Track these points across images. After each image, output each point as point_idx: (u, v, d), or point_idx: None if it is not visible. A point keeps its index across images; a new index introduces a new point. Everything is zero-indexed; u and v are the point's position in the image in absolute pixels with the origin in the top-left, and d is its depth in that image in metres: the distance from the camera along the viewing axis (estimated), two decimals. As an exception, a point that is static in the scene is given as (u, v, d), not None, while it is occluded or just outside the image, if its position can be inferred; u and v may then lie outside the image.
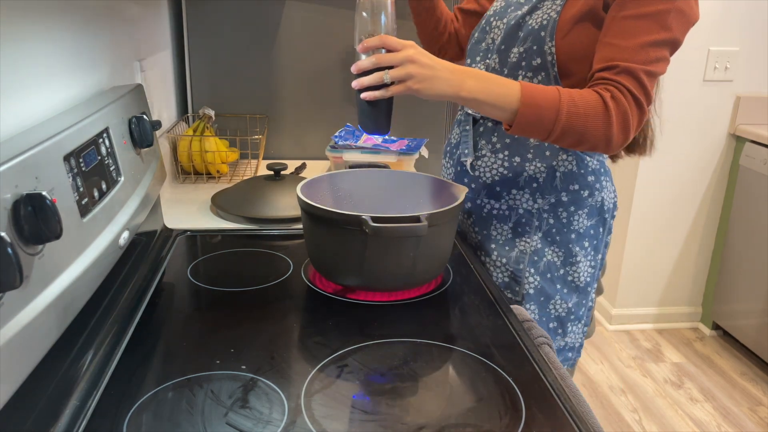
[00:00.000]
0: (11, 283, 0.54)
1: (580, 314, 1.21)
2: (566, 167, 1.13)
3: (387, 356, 0.81)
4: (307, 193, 1.01)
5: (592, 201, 1.15)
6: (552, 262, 1.16)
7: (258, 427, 0.66)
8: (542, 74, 1.08)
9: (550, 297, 1.17)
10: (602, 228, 1.19)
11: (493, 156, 1.16)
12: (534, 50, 1.07)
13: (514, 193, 1.15)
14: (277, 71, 1.76)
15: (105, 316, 0.83)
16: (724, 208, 2.66)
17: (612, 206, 1.19)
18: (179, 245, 1.15)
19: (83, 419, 0.66)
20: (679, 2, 0.96)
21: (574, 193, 1.14)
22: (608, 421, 2.17)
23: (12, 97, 0.75)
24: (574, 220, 1.15)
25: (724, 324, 2.66)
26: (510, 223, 1.17)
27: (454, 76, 0.93)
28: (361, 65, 0.93)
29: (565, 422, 0.69)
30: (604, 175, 1.17)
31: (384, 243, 0.91)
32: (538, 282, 1.16)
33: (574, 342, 1.23)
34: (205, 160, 1.56)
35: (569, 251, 1.16)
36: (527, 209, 1.15)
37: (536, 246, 1.16)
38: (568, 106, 0.94)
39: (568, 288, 1.18)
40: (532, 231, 1.15)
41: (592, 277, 1.21)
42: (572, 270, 1.17)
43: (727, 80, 2.52)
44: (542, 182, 1.13)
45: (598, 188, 1.15)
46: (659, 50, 0.98)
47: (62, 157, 0.70)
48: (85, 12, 0.99)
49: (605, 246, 1.22)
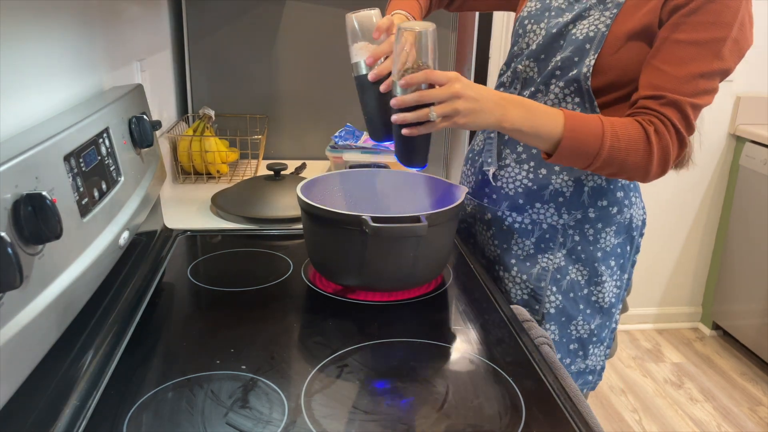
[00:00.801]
0: (11, 283, 0.54)
1: (603, 336, 1.16)
2: (595, 182, 1.07)
3: (387, 356, 0.81)
4: (307, 193, 1.01)
5: (620, 218, 1.10)
6: (576, 281, 1.11)
7: (258, 427, 0.66)
8: (574, 85, 1.02)
9: (572, 318, 1.12)
10: (629, 246, 1.14)
11: (517, 167, 1.10)
12: (574, 61, 1.01)
13: (538, 207, 1.09)
14: (277, 71, 1.76)
15: (105, 316, 0.83)
16: (724, 208, 2.66)
17: (641, 224, 1.14)
18: (179, 245, 1.15)
19: (83, 419, 0.66)
20: (735, 31, 0.92)
21: (602, 210, 1.08)
22: (608, 421, 2.17)
23: (12, 97, 0.75)
24: (601, 238, 1.09)
25: (724, 324, 2.65)
26: (533, 238, 1.11)
27: (498, 108, 0.90)
28: (405, 101, 0.88)
29: (565, 422, 0.69)
30: (634, 191, 1.12)
31: (384, 243, 0.91)
32: (560, 301, 1.11)
33: (595, 365, 1.18)
34: (205, 160, 1.56)
35: (594, 270, 1.10)
36: (551, 224, 1.09)
37: (559, 263, 1.10)
38: (611, 140, 0.91)
39: (591, 309, 1.13)
40: (555, 248, 1.10)
41: (617, 297, 1.15)
42: (597, 290, 1.12)
43: (727, 80, 2.51)
44: (569, 197, 1.07)
45: (627, 205, 1.10)
46: (709, 82, 0.94)
47: (62, 157, 0.70)
48: (85, 12, 0.99)
49: (632, 265, 1.17)
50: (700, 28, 0.91)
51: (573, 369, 1.16)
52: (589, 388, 1.20)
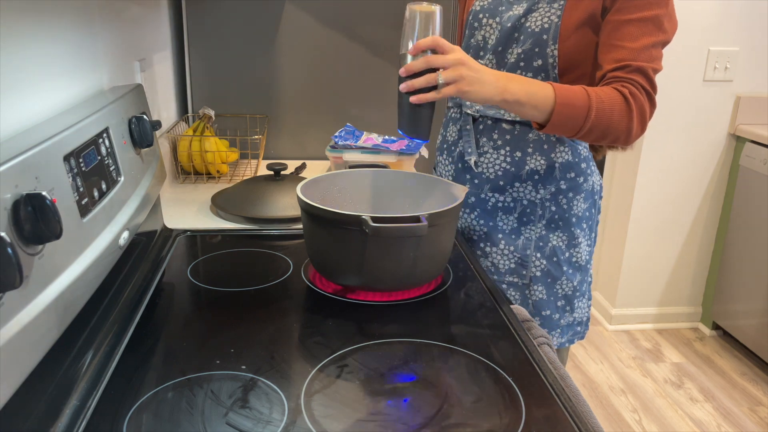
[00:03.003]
0: (11, 283, 0.54)
1: (584, 290, 1.29)
2: (563, 158, 1.19)
3: (387, 356, 0.81)
4: (307, 193, 1.01)
5: (586, 186, 1.23)
6: (558, 246, 1.22)
7: (258, 427, 0.66)
8: (542, 75, 1.13)
9: (556, 278, 1.23)
10: (594, 209, 1.27)
11: (495, 152, 1.21)
12: (536, 52, 1.12)
13: (518, 186, 1.21)
14: (277, 71, 1.76)
15: (105, 316, 0.83)
16: (724, 208, 2.66)
17: (599, 188, 1.28)
18: (179, 245, 1.15)
19: (83, 419, 0.66)
20: (670, 7, 1.07)
21: (571, 181, 1.20)
22: (608, 421, 2.17)
23: (12, 97, 0.75)
24: (574, 206, 1.22)
25: (724, 324, 2.65)
26: (515, 214, 1.22)
27: (499, 81, 0.98)
28: (413, 66, 0.94)
29: (565, 422, 0.69)
30: (591, 161, 1.24)
31: (384, 243, 0.91)
32: (544, 265, 1.22)
33: (582, 316, 1.30)
34: (205, 160, 1.56)
35: (572, 234, 1.22)
36: (531, 200, 1.21)
37: (541, 233, 1.22)
38: (597, 103, 1.01)
39: (572, 268, 1.24)
40: (536, 219, 1.21)
41: (590, 254, 1.29)
42: (575, 252, 1.24)
43: (727, 80, 2.52)
44: (543, 174, 1.19)
45: (589, 173, 1.23)
46: (658, 50, 1.07)
47: (62, 157, 0.70)
48: (85, 12, 0.99)
49: (596, 224, 1.31)
50: (643, 7, 1.04)
51: (563, 323, 1.27)
52: (579, 337, 1.32)
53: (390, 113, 1.83)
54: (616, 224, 2.76)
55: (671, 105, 2.51)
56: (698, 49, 2.46)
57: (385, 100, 1.81)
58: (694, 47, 2.46)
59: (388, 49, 1.76)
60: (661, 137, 2.55)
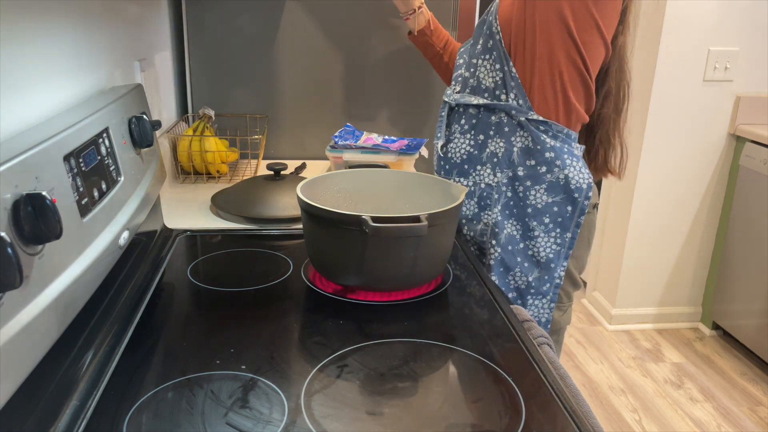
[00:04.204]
0: (11, 283, 0.54)
1: (544, 290, 1.26)
2: (523, 143, 1.21)
3: (387, 356, 0.81)
4: (307, 193, 1.01)
5: (551, 177, 1.20)
6: (512, 235, 1.24)
7: (258, 427, 0.66)
8: (494, 54, 1.21)
9: (509, 268, 1.24)
10: (571, 207, 1.22)
11: (462, 137, 1.27)
12: (487, 34, 1.22)
13: (479, 169, 1.26)
14: (277, 71, 1.76)
15: (105, 316, 0.83)
16: (724, 208, 2.66)
17: (585, 187, 1.21)
18: (179, 245, 1.15)
19: (83, 419, 0.66)
20: None
21: (530, 168, 1.21)
22: (608, 421, 2.17)
23: (12, 97, 0.75)
24: (531, 195, 1.21)
25: (724, 324, 2.65)
26: (475, 198, 1.26)
27: None
28: None
29: (565, 422, 0.69)
30: (569, 155, 1.21)
31: (384, 243, 0.91)
32: (498, 253, 1.24)
33: (538, 317, 1.28)
34: (205, 160, 1.56)
35: (526, 225, 1.23)
36: (488, 183, 1.25)
37: (496, 218, 1.23)
38: None
39: (528, 262, 1.24)
40: (492, 204, 1.24)
41: (557, 254, 1.24)
42: (531, 244, 1.23)
43: (727, 80, 2.52)
44: (501, 157, 1.22)
45: (558, 165, 1.20)
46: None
47: (62, 157, 0.70)
48: (85, 12, 0.99)
49: (576, 226, 1.24)
50: None
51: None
52: None
53: (390, 113, 1.83)
54: (616, 224, 2.76)
55: (671, 105, 2.51)
56: (698, 49, 2.46)
57: (385, 100, 1.81)
58: (694, 47, 2.45)
59: (388, 49, 1.76)
60: (661, 137, 2.55)
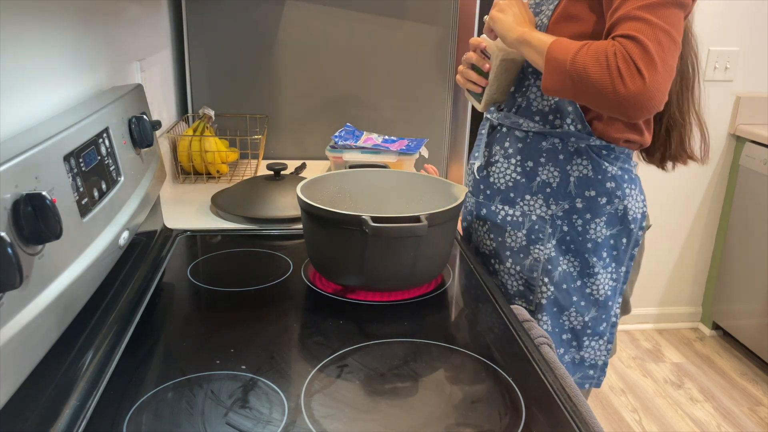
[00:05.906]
0: (11, 283, 0.54)
1: (601, 330, 1.16)
2: (581, 172, 1.09)
3: (387, 356, 0.81)
4: (307, 193, 1.01)
5: (611, 209, 1.10)
6: (568, 272, 1.13)
7: (258, 427, 0.66)
8: None
9: (564, 308, 1.14)
10: (626, 239, 1.13)
11: (506, 161, 1.14)
12: None
13: (528, 199, 1.13)
14: (277, 71, 1.76)
15: (105, 316, 0.83)
16: (724, 208, 2.66)
17: (640, 216, 1.13)
18: (179, 245, 1.15)
19: (83, 419, 0.66)
20: None
21: (589, 200, 1.09)
22: (608, 421, 2.17)
23: (12, 97, 0.75)
24: (591, 229, 1.11)
25: (724, 324, 2.65)
26: (524, 230, 1.14)
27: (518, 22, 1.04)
28: None
29: (565, 422, 0.69)
30: (629, 183, 1.11)
31: (384, 243, 0.91)
32: (551, 292, 1.13)
33: (594, 359, 1.19)
34: (205, 160, 1.56)
35: (585, 261, 1.12)
36: (540, 216, 1.12)
37: (550, 254, 1.12)
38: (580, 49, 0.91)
39: (586, 301, 1.14)
40: (545, 238, 1.12)
41: (614, 290, 1.16)
42: (590, 282, 1.13)
43: (727, 80, 2.52)
44: (555, 187, 1.10)
45: (619, 195, 1.10)
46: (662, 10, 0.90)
47: (62, 157, 0.70)
48: (85, 12, 0.99)
49: (630, 258, 1.16)
50: None
51: (566, 359, 1.17)
52: (592, 384, 1.21)
53: (390, 113, 1.83)
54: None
55: (671, 105, 2.51)
56: (698, 49, 2.46)
57: (385, 100, 1.81)
58: (694, 47, 2.45)
59: (388, 49, 1.76)
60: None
